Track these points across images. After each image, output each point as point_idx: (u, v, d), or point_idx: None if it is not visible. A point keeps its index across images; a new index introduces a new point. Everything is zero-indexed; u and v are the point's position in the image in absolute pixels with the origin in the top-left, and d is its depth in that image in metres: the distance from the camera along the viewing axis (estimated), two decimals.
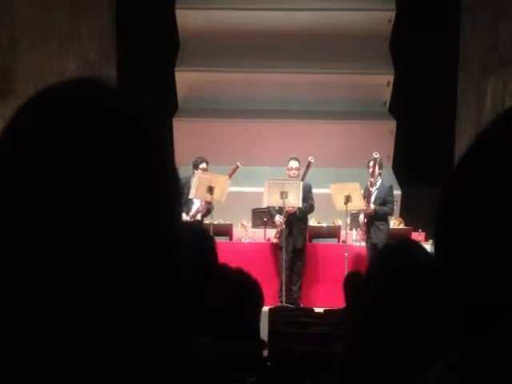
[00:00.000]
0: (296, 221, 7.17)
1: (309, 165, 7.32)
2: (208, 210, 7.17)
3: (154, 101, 0.59)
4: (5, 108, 5.79)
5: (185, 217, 6.95)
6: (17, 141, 0.50)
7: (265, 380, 1.76)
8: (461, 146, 8.47)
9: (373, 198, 7.09)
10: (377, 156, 7.08)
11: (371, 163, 7.14)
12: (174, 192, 0.55)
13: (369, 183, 7.11)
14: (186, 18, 10.40)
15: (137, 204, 0.50)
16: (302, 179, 7.29)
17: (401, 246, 1.26)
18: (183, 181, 6.98)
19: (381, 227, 7.07)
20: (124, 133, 0.51)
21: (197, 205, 7.20)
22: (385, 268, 1.17)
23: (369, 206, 7.01)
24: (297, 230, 7.19)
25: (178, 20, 10.43)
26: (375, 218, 7.06)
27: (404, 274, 1.14)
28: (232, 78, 10.37)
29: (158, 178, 0.53)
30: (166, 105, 9.64)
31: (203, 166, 7.23)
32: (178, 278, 0.53)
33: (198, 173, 7.10)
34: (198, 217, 7.17)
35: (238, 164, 7.37)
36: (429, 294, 1.06)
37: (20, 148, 0.50)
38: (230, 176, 7.32)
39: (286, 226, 7.11)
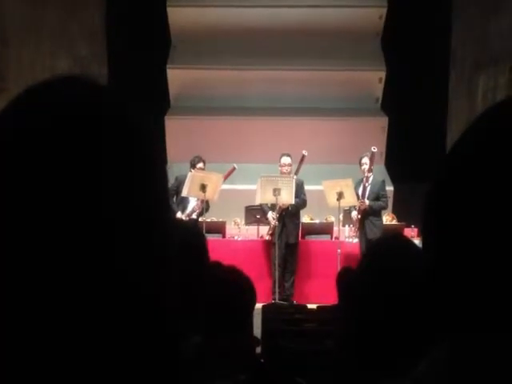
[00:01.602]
0: (289, 216, 7.18)
1: (302, 158, 7.31)
2: (203, 209, 7.16)
3: (145, 99, 0.59)
4: None
5: (180, 215, 6.95)
6: (2, 138, 0.51)
7: (258, 377, 1.77)
8: (452, 141, 8.48)
9: (366, 194, 7.10)
10: (375, 150, 7.07)
11: (364, 159, 7.14)
12: (162, 189, 0.55)
13: (364, 179, 7.11)
14: (177, 16, 10.37)
15: (122, 203, 0.50)
16: (296, 173, 7.29)
17: (392, 242, 1.27)
18: (179, 179, 6.97)
19: (376, 222, 7.09)
20: (110, 131, 0.51)
21: (192, 204, 7.19)
22: (376, 264, 1.18)
23: (364, 202, 7.02)
24: (290, 225, 7.20)
25: (169, 18, 10.41)
26: (370, 214, 7.07)
27: (395, 271, 1.14)
28: (224, 75, 10.36)
29: (144, 176, 0.53)
30: (157, 103, 9.62)
31: (200, 165, 7.21)
32: (165, 277, 0.53)
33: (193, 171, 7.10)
34: (194, 216, 7.16)
35: (235, 166, 7.35)
36: (420, 290, 1.07)
37: (5, 146, 0.50)
38: (226, 178, 7.30)
39: (279, 222, 7.11)
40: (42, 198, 0.48)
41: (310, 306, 5.51)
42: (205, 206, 7.12)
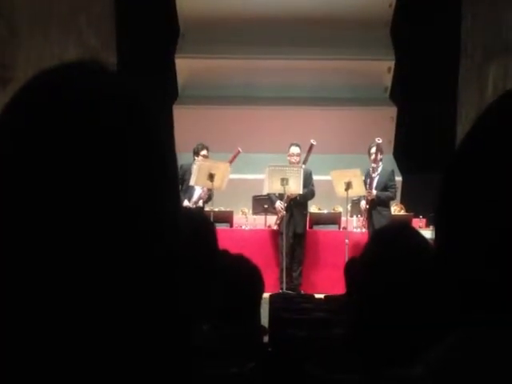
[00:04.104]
0: (297, 206, 7.18)
1: (311, 147, 7.30)
2: (209, 196, 7.18)
3: (153, 88, 0.59)
4: (5, 96, 5.78)
5: (187, 203, 6.96)
6: (14, 125, 0.50)
7: (265, 365, 1.77)
8: (462, 131, 8.45)
9: (374, 184, 7.09)
10: (380, 141, 7.07)
11: (373, 149, 7.13)
12: (172, 176, 0.55)
13: (371, 169, 7.10)
14: (186, 5, 10.34)
15: (133, 189, 0.50)
16: (304, 162, 7.28)
17: (396, 230, 1.27)
18: (184, 167, 6.97)
19: (383, 213, 7.07)
20: (121, 116, 0.51)
21: (198, 191, 7.20)
22: (381, 253, 1.18)
23: (370, 192, 7.01)
24: (298, 215, 7.20)
25: (178, 6, 10.38)
26: (378, 204, 7.06)
27: (401, 259, 1.14)
28: (232, 64, 10.33)
29: (155, 162, 0.53)
30: (166, 92, 9.61)
31: (204, 152, 7.21)
32: (176, 266, 0.54)
33: (199, 160, 7.09)
34: (200, 203, 7.17)
35: (239, 149, 7.35)
36: (426, 278, 1.07)
37: (16, 133, 0.50)
38: (232, 161, 7.30)
39: (287, 212, 7.12)
40: (56, 186, 0.48)
41: (317, 295, 5.52)
42: (211, 194, 7.13)
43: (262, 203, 7.82)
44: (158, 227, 0.52)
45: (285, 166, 7.17)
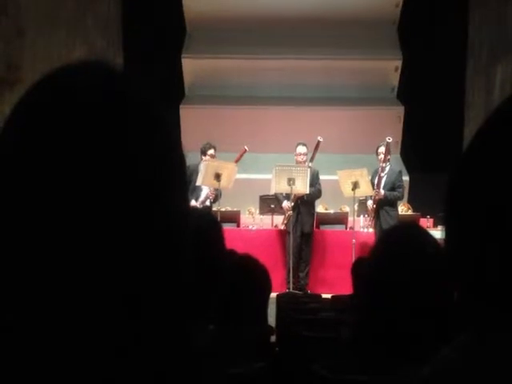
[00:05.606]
0: (304, 205, 7.18)
1: (318, 144, 7.29)
2: (216, 196, 7.18)
3: (160, 88, 0.59)
4: (12, 97, 5.80)
5: (194, 203, 6.97)
6: (22, 126, 0.50)
7: (273, 365, 1.77)
8: (469, 131, 8.42)
9: (382, 184, 7.07)
10: (390, 141, 7.04)
11: (381, 148, 7.11)
12: (180, 176, 0.55)
13: (380, 168, 7.08)
14: (193, 4, 10.36)
15: (141, 189, 0.50)
16: (311, 160, 7.28)
17: (405, 230, 1.26)
18: (191, 168, 6.98)
19: (391, 213, 7.06)
20: (129, 116, 0.51)
21: (205, 191, 7.21)
22: (389, 253, 1.17)
23: (379, 192, 7.00)
24: (305, 215, 7.20)
25: (185, 6, 10.40)
26: (385, 204, 7.04)
27: (409, 259, 1.14)
28: (239, 64, 10.34)
29: (163, 163, 0.53)
30: (172, 92, 9.62)
31: (211, 152, 7.21)
32: (184, 265, 0.53)
33: (206, 159, 7.10)
34: (207, 203, 7.18)
35: (246, 148, 7.35)
36: (435, 278, 1.06)
37: (23, 134, 0.50)
38: (238, 160, 7.30)
39: (294, 211, 7.12)
40: (63, 186, 0.48)
41: (324, 295, 5.51)
42: (218, 193, 7.13)
43: (269, 203, 7.82)
44: (166, 226, 0.52)
45: (292, 166, 7.17)
